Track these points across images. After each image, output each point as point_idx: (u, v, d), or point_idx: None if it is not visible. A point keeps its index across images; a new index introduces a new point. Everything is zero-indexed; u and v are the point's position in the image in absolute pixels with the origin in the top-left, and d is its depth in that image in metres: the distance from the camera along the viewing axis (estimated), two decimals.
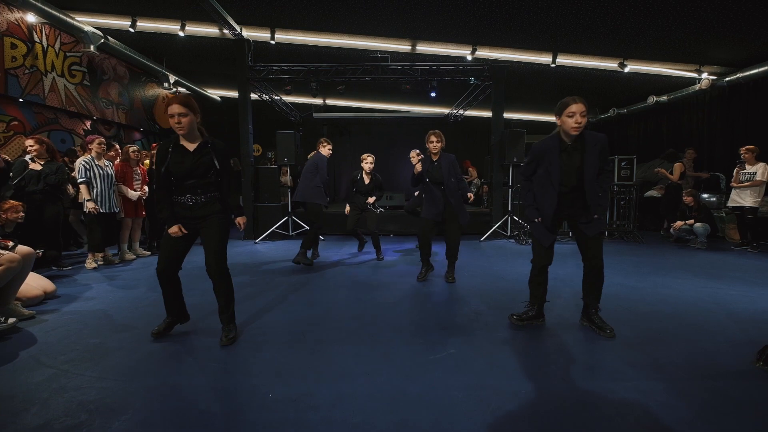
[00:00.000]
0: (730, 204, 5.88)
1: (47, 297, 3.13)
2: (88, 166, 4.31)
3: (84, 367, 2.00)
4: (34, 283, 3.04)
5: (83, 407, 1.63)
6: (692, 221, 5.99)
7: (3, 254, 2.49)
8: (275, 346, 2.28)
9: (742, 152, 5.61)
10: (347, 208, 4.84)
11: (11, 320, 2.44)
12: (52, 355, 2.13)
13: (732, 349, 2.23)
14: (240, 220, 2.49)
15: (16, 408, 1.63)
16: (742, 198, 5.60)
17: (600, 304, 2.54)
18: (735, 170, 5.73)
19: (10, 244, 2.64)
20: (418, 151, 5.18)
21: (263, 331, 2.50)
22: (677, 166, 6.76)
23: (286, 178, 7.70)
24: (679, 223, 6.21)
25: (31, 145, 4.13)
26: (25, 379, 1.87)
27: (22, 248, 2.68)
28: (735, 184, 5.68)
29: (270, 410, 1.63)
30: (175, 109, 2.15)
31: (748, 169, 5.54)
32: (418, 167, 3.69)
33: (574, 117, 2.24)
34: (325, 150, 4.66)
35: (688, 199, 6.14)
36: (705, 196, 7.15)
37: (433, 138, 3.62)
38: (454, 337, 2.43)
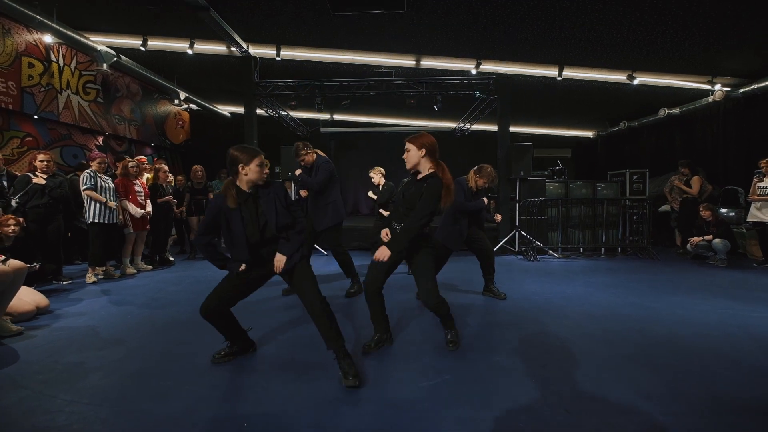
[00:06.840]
0: (750, 219, 5.61)
1: (40, 312, 3.09)
2: (92, 175, 4.37)
3: (58, 389, 1.91)
4: (28, 298, 3.01)
5: None
6: (711, 237, 5.71)
7: None
8: (261, 370, 2.16)
9: (762, 164, 5.38)
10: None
11: None
12: (28, 374, 2.06)
13: (758, 378, 2.03)
14: None
15: None
16: (763, 213, 5.35)
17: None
18: (753, 182, 5.49)
19: (2, 258, 2.62)
20: None
21: (252, 354, 2.38)
22: (696, 179, 6.50)
23: (290, 192, 7.67)
24: (696, 238, 5.92)
25: (43, 160, 4.20)
26: None
27: (13, 262, 2.66)
28: (754, 197, 5.43)
29: None
30: None
31: (766, 181, 5.30)
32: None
33: None
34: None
35: (705, 213, 5.86)
36: (723, 210, 6.85)
37: None
38: (449, 360, 2.27)
